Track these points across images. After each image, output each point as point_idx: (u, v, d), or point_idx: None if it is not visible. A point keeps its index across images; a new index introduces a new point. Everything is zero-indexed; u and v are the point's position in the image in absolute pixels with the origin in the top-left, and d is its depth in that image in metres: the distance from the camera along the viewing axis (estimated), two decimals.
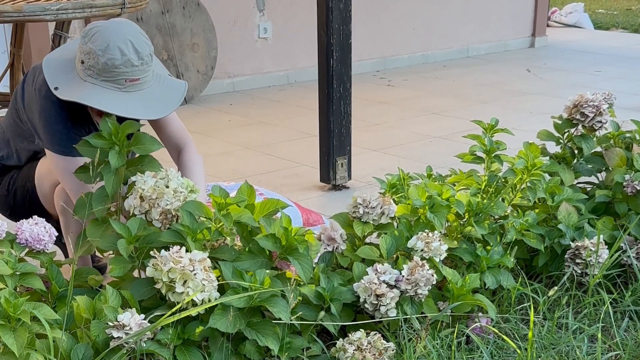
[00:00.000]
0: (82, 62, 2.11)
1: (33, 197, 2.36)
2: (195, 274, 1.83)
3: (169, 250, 1.88)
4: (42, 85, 2.17)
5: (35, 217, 2.01)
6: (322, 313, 2.08)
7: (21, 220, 1.99)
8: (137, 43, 2.10)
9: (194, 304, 1.86)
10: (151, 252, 1.91)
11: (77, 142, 2.10)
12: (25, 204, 2.37)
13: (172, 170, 2.10)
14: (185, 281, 1.83)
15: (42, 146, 2.23)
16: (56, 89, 2.10)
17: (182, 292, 1.83)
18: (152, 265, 1.88)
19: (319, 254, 2.29)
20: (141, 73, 2.12)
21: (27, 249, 1.97)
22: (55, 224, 2.36)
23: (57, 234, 2.03)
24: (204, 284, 1.85)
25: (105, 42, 2.07)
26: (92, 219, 2.05)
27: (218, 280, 1.92)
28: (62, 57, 2.21)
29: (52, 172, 2.27)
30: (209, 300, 1.87)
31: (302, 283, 2.11)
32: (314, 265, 2.24)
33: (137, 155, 2.11)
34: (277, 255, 2.09)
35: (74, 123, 2.19)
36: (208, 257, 1.93)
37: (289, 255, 2.05)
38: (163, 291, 1.86)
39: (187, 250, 1.90)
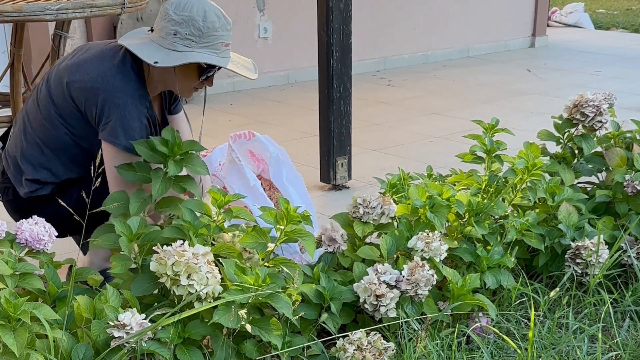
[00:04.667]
0: (175, 34, 2.19)
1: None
2: (199, 267, 1.85)
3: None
4: (118, 80, 2.20)
5: (35, 217, 2.00)
6: (325, 315, 2.08)
7: (21, 220, 1.99)
8: (222, 11, 2.25)
9: (199, 299, 1.86)
10: (154, 248, 1.92)
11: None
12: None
13: None
14: (189, 274, 1.85)
15: (105, 137, 2.20)
16: (156, 62, 2.18)
17: (187, 285, 1.84)
18: (156, 259, 1.88)
19: (319, 253, 2.30)
20: (230, 38, 2.26)
21: (27, 249, 1.97)
22: None
23: (56, 234, 2.03)
24: (207, 277, 1.86)
25: (202, 9, 2.19)
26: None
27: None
28: (136, 42, 2.25)
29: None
30: (213, 294, 1.88)
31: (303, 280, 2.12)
32: (314, 265, 2.25)
33: None
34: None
35: (147, 123, 2.26)
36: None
37: (293, 234, 2.09)
38: (167, 285, 1.87)
39: (189, 246, 1.92)
